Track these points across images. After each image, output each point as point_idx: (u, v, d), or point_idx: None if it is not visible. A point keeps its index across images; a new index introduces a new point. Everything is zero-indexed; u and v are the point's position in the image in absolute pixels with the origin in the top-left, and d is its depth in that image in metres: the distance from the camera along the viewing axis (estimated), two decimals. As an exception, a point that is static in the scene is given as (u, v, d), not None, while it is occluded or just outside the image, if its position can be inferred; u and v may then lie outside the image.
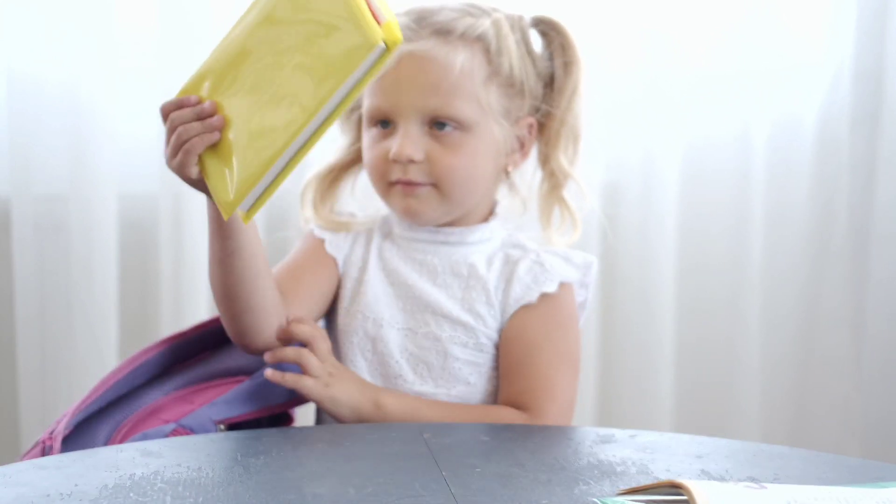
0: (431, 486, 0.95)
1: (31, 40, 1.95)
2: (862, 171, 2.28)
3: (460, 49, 1.24)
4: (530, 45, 1.30)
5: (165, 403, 1.22)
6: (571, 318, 1.30)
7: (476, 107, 1.24)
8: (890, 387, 2.34)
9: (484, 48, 1.25)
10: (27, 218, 1.97)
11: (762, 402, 2.27)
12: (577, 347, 1.30)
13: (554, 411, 1.24)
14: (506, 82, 1.26)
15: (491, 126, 1.25)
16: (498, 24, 1.27)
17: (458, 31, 1.25)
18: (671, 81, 2.17)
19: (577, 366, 1.29)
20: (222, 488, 0.94)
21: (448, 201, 1.27)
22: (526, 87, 1.27)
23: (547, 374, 1.26)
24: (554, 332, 1.28)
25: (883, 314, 2.32)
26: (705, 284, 2.26)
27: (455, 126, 1.24)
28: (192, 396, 1.24)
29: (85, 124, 1.96)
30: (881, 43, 2.23)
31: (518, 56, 1.26)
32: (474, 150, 1.25)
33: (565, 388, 1.26)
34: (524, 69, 1.27)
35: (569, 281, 1.29)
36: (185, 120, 1.08)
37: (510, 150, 1.29)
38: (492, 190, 1.32)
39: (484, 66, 1.25)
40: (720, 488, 0.87)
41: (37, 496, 0.93)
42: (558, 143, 1.31)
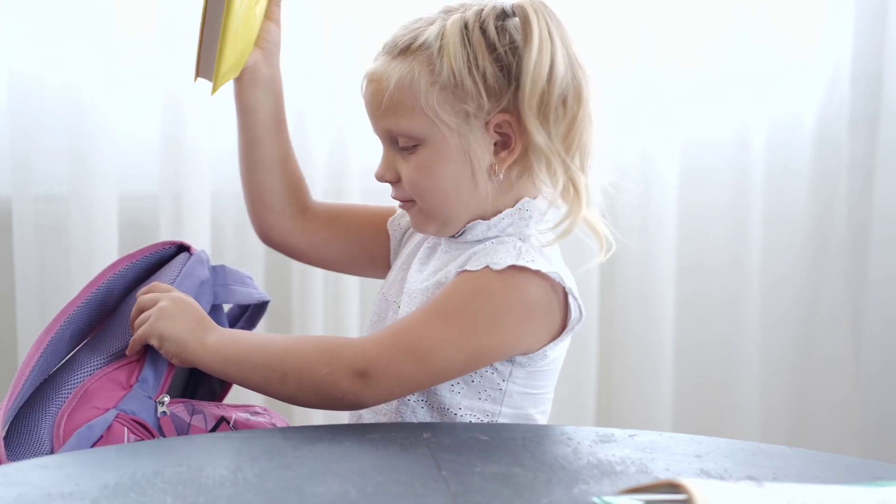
0: (431, 486, 0.96)
1: (31, 41, 1.95)
2: (860, 170, 2.28)
3: (398, 64, 1.21)
4: (492, 40, 1.20)
5: (92, 388, 1.20)
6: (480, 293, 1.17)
7: (422, 118, 1.20)
8: (888, 386, 2.34)
9: (427, 56, 1.20)
10: (27, 218, 1.97)
11: (761, 402, 2.27)
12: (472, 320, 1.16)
13: (388, 343, 1.15)
14: (452, 86, 1.19)
15: (444, 134, 1.20)
16: (447, 26, 1.20)
17: (401, 46, 1.22)
18: (670, 81, 2.17)
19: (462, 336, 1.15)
20: (223, 488, 0.94)
21: (432, 215, 1.24)
22: (481, 85, 1.19)
23: (411, 320, 1.17)
24: (446, 294, 1.18)
25: (881, 314, 2.32)
26: (704, 284, 2.27)
27: (410, 141, 1.22)
28: (115, 375, 1.21)
29: (85, 124, 1.97)
30: (880, 43, 2.24)
31: (463, 56, 1.19)
32: (431, 161, 1.21)
33: (420, 337, 1.15)
34: (475, 67, 1.19)
35: (494, 266, 1.17)
36: None
37: (488, 152, 1.21)
38: (481, 195, 1.23)
39: (426, 75, 1.19)
40: (719, 488, 0.87)
41: (37, 496, 0.93)
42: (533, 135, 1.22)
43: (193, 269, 1.30)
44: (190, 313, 1.21)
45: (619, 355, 2.25)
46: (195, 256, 1.33)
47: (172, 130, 2.00)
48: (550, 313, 1.20)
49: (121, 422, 1.17)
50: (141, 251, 1.32)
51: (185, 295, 1.24)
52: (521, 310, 1.18)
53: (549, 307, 1.19)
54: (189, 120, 2.00)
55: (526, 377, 1.22)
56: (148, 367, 1.21)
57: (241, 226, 2.07)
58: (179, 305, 1.21)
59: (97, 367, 1.21)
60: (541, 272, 1.18)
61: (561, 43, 1.21)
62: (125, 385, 1.20)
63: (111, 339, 1.25)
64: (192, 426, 1.21)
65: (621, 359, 2.24)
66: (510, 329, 1.18)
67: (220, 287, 1.33)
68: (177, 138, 2.00)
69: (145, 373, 1.21)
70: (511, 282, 1.17)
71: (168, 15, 1.99)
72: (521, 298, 1.18)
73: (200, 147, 2.01)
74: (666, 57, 2.16)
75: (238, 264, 2.07)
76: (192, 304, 1.23)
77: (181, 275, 1.29)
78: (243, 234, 2.07)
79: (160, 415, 1.20)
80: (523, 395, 1.22)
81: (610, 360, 2.25)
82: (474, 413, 1.21)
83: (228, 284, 1.34)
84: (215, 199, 2.05)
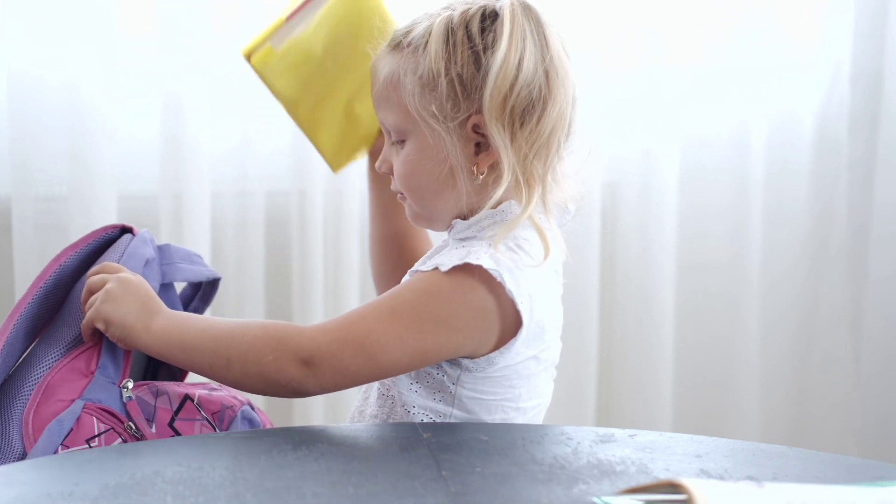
0: (431, 486, 0.96)
1: (31, 41, 1.95)
2: (860, 170, 2.28)
3: (389, 59, 1.23)
4: (474, 40, 1.19)
5: (53, 381, 1.19)
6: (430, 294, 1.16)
7: (406, 114, 1.21)
8: (888, 386, 2.34)
9: (413, 53, 1.21)
10: (27, 218, 1.97)
11: (761, 402, 2.27)
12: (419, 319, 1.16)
13: (335, 329, 1.15)
14: (431, 84, 1.19)
15: (425, 131, 1.20)
16: (435, 24, 1.20)
17: (396, 40, 1.23)
18: (670, 81, 2.17)
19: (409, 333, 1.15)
20: (223, 488, 0.94)
21: (418, 209, 1.25)
22: (457, 85, 1.18)
23: (361, 311, 1.17)
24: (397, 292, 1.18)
25: (881, 314, 2.32)
26: (704, 284, 2.27)
27: (398, 136, 1.23)
28: (75, 364, 1.20)
29: (85, 124, 1.97)
30: (880, 43, 2.24)
31: (443, 55, 1.19)
32: (413, 157, 1.22)
33: (370, 330, 1.15)
34: (452, 67, 1.19)
35: (442, 268, 1.16)
36: None
37: (468, 152, 1.21)
38: (459, 196, 1.22)
39: (410, 72, 1.20)
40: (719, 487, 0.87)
41: (37, 496, 0.93)
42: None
43: (136, 249, 1.28)
44: (136, 295, 1.20)
45: (619, 355, 2.25)
46: (138, 236, 1.31)
47: (172, 130, 2.00)
48: (496, 319, 1.17)
49: (88, 412, 1.17)
50: (84, 238, 1.30)
51: (133, 275, 1.22)
52: (466, 313, 1.17)
53: (495, 313, 1.17)
54: (189, 120, 2.00)
55: (474, 382, 1.20)
56: (106, 352, 1.20)
57: (241, 226, 2.07)
58: (125, 286, 1.20)
59: (56, 359, 1.20)
60: (492, 279, 1.16)
61: (534, 47, 1.19)
62: (86, 372, 1.19)
63: (65, 329, 1.23)
64: (158, 408, 1.21)
65: (621, 359, 2.24)
66: (455, 330, 1.17)
67: (166, 266, 1.31)
68: (177, 138, 2.00)
69: (104, 358, 1.20)
70: (458, 284, 1.16)
71: (168, 15, 1.99)
72: (466, 301, 1.17)
73: (200, 147, 2.01)
74: (666, 56, 2.16)
75: (238, 264, 2.08)
76: (138, 285, 1.21)
77: (124, 255, 1.27)
78: (243, 234, 2.07)
79: (126, 400, 1.19)
80: (473, 401, 1.21)
81: (610, 360, 2.25)
82: (427, 413, 1.21)
83: (175, 262, 1.32)
84: (215, 199, 2.05)
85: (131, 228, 1.32)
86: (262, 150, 2.06)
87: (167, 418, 1.21)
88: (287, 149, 2.06)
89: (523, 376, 1.22)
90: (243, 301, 2.07)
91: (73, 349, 1.21)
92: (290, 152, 2.06)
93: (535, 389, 1.25)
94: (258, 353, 1.15)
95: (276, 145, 2.07)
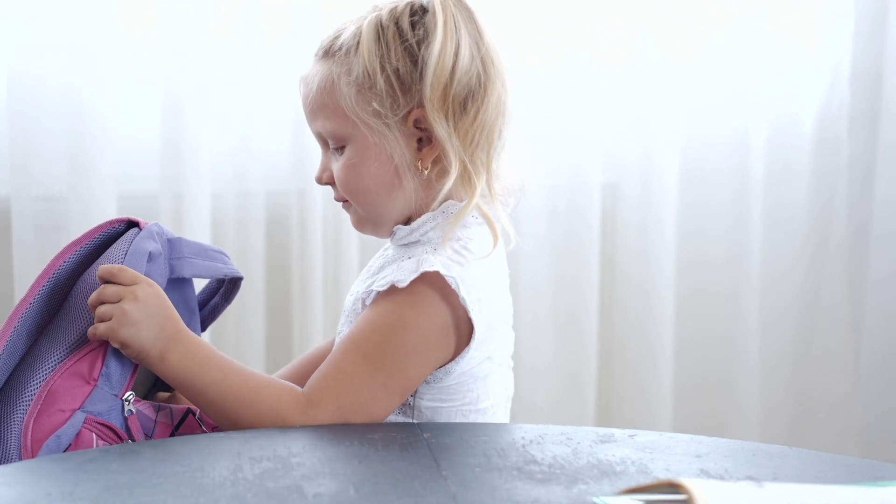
0: (431, 486, 0.96)
1: (31, 41, 1.95)
2: (860, 170, 2.29)
3: (321, 66, 1.23)
4: (405, 35, 1.19)
5: (55, 387, 1.16)
6: (398, 328, 1.17)
7: (344, 119, 1.21)
8: (888, 386, 2.34)
9: (344, 57, 1.21)
10: (27, 218, 1.97)
11: (761, 402, 2.27)
12: (396, 359, 1.17)
13: (333, 407, 1.16)
14: (367, 84, 1.19)
15: (365, 133, 1.20)
16: (363, 25, 1.21)
17: (325, 48, 1.23)
18: (670, 81, 2.17)
19: (391, 378, 1.17)
20: (223, 488, 0.94)
21: (364, 214, 1.25)
22: (394, 82, 1.19)
23: (345, 368, 1.17)
24: (369, 332, 1.18)
25: (881, 313, 2.32)
26: (704, 283, 2.27)
27: (337, 142, 1.23)
28: (77, 367, 1.17)
29: (85, 125, 1.97)
30: (880, 43, 2.24)
31: (376, 54, 1.19)
32: (355, 161, 1.21)
33: (359, 391, 1.17)
34: (388, 65, 1.19)
35: (399, 284, 1.17)
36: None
37: (410, 148, 1.21)
38: (406, 194, 1.22)
39: (343, 76, 1.20)
40: (719, 488, 0.87)
41: (38, 495, 0.93)
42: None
43: (139, 246, 1.24)
44: (154, 317, 1.18)
45: (619, 355, 2.25)
46: (144, 230, 1.26)
47: (172, 130, 2.00)
48: (453, 330, 1.19)
49: (88, 427, 1.15)
50: (89, 233, 1.26)
51: (150, 290, 1.19)
52: (433, 333, 1.18)
53: (451, 325, 1.18)
54: (189, 120, 2.00)
55: (433, 393, 1.21)
56: (112, 358, 1.18)
57: (241, 226, 2.07)
58: (144, 309, 1.17)
59: (59, 361, 1.18)
60: (446, 286, 1.16)
61: (468, 35, 1.20)
62: (88, 378, 1.17)
63: (69, 327, 1.20)
64: (158, 423, 1.20)
65: (621, 358, 2.24)
66: (429, 353, 1.19)
67: (175, 260, 1.27)
68: (177, 138, 2.00)
69: (109, 364, 1.18)
70: (419, 304, 1.17)
71: (168, 15, 1.99)
72: (430, 323, 1.18)
73: (200, 147, 2.01)
74: (666, 56, 2.16)
75: (238, 264, 2.06)
76: (156, 305, 1.18)
77: (128, 254, 1.22)
78: (243, 234, 2.07)
79: (127, 414, 1.18)
80: (433, 410, 1.22)
81: (610, 360, 2.25)
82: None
83: (185, 257, 1.27)
84: (215, 199, 2.05)
85: (138, 222, 1.27)
86: (262, 150, 2.06)
87: (167, 433, 1.20)
88: (287, 149, 2.06)
89: (479, 378, 1.23)
90: (243, 301, 2.07)
91: (77, 349, 1.19)
92: (290, 152, 2.06)
93: (492, 388, 1.25)
94: (264, 420, 1.16)
95: (276, 145, 2.07)
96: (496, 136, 1.22)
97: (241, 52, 2.02)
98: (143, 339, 1.17)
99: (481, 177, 1.20)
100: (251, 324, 2.08)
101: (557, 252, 2.18)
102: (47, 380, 1.17)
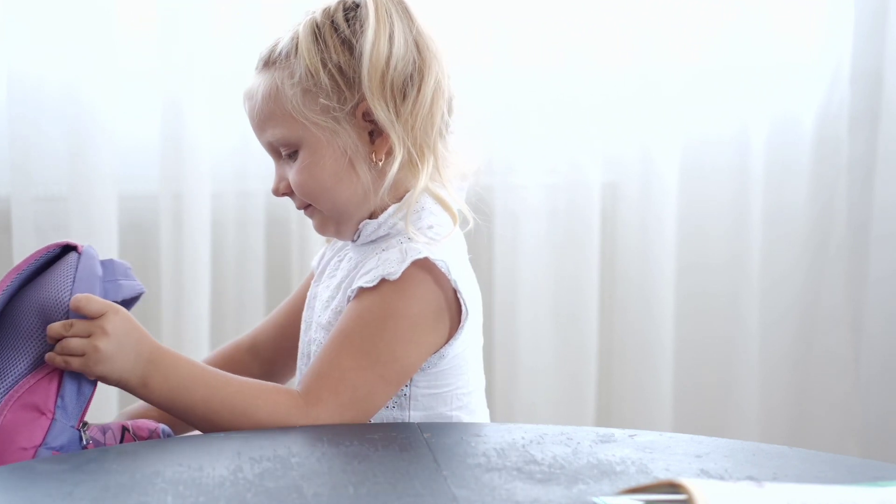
0: (431, 486, 0.96)
1: (31, 41, 1.95)
2: (860, 170, 2.28)
3: (262, 77, 1.24)
4: (342, 30, 1.21)
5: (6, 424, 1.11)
6: (389, 317, 1.18)
7: (293, 124, 1.21)
8: (888, 386, 2.34)
9: (285, 63, 1.22)
10: (27, 218, 1.97)
11: (761, 402, 2.27)
12: (390, 348, 1.18)
13: (333, 405, 1.16)
14: (312, 85, 1.20)
15: (317, 134, 1.21)
16: (299, 29, 1.22)
17: (264, 58, 1.25)
18: (670, 80, 2.17)
19: (387, 369, 1.18)
20: (223, 488, 0.94)
21: (327, 215, 1.25)
22: (338, 77, 1.20)
23: (339, 363, 1.17)
24: (361, 325, 1.18)
25: (881, 313, 2.32)
26: (704, 284, 2.27)
27: (289, 148, 1.23)
28: (27, 397, 1.14)
29: (85, 125, 1.97)
30: (880, 42, 2.24)
31: (316, 53, 1.20)
32: (310, 163, 1.22)
33: (356, 385, 1.17)
34: (329, 61, 1.20)
35: (390, 277, 1.17)
36: None
37: (363, 141, 1.22)
38: (365, 187, 1.23)
39: (287, 81, 1.21)
40: (719, 488, 0.87)
41: (38, 496, 0.93)
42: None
43: (92, 269, 1.22)
44: (128, 346, 1.16)
45: (619, 355, 2.25)
46: (87, 253, 1.23)
47: (172, 130, 2.00)
48: (446, 313, 1.20)
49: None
50: (27, 260, 1.23)
51: (117, 318, 1.16)
52: (426, 318, 1.19)
53: (444, 307, 1.20)
54: (189, 120, 2.00)
55: (428, 379, 1.22)
56: (67, 387, 1.15)
57: (241, 226, 2.07)
58: (117, 342, 1.15)
59: (2, 393, 1.14)
60: (436, 269, 1.18)
61: (401, 23, 1.21)
62: (43, 409, 1.14)
63: (13, 357, 1.16)
64: (106, 445, 1.17)
65: (621, 358, 2.24)
66: (424, 338, 1.20)
67: (109, 283, 1.24)
68: (177, 138, 2.00)
69: (64, 395, 1.15)
70: (409, 290, 1.18)
71: (168, 15, 1.99)
72: (422, 309, 1.19)
73: (200, 147, 2.01)
74: (666, 56, 2.16)
75: (238, 264, 2.07)
76: (127, 332, 1.16)
77: (80, 280, 1.20)
78: (243, 234, 2.07)
79: (85, 443, 1.15)
80: (430, 397, 1.23)
81: (610, 360, 2.25)
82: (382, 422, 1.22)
83: (117, 279, 1.25)
84: (215, 199, 2.05)
85: (76, 246, 1.24)
86: (262, 150, 2.05)
87: None
88: (287, 149, 2.06)
89: (469, 360, 1.25)
90: (243, 301, 2.07)
91: (21, 379, 1.15)
92: (290, 152, 2.06)
93: (479, 370, 1.28)
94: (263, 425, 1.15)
95: (275, 145, 2.07)
96: (438, 119, 1.23)
97: (241, 52, 2.01)
98: (120, 370, 1.15)
99: (427, 160, 1.22)
100: (251, 324, 2.07)
101: (557, 252, 2.18)
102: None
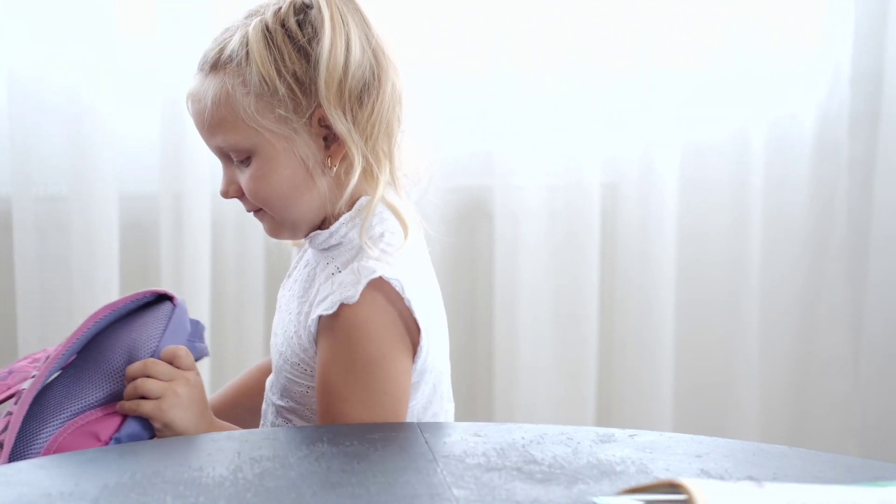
0: (431, 486, 0.96)
1: (31, 42, 1.95)
2: (860, 172, 2.29)
3: (210, 80, 1.20)
4: (295, 35, 1.18)
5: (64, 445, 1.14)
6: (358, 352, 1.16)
7: (246, 130, 1.18)
8: (888, 386, 2.35)
9: (236, 67, 1.18)
10: (28, 218, 1.97)
11: (761, 402, 2.27)
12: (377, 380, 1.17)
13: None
14: (266, 92, 1.17)
15: (271, 141, 1.18)
16: (249, 32, 1.19)
17: (211, 61, 1.21)
18: (670, 82, 2.17)
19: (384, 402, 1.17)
20: (223, 488, 0.94)
21: (280, 220, 1.23)
22: (293, 84, 1.17)
23: (339, 418, 1.17)
24: (343, 372, 1.16)
25: (881, 314, 2.32)
26: (704, 284, 2.27)
27: (241, 154, 1.20)
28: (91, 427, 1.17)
29: (85, 125, 1.97)
30: (880, 44, 2.24)
31: (270, 59, 1.17)
32: (264, 170, 1.19)
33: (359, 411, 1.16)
34: (284, 68, 1.17)
35: (349, 301, 1.15)
36: None
37: (318, 148, 1.20)
38: (321, 194, 1.21)
39: (239, 87, 1.18)
40: (719, 488, 0.87)
41: (38, 495, 0.93)
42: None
43: (184, 324, 1.27)
44: (199, 404, 1.20)
45: (619, 355, 2.25)
46: (180, 308, 1.27)
47: (172, 130, 2.00)
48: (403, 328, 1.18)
49: None
50: (123, 299, 1.27)
51: (198, 378, 1.21)
52: (390, 333, 1.17)
53: (400, 323, 1.18)
54: (189, 120, 1.99)
55: (416, 396, 1.21)
56: (130, 428, 1.17)
57: (241, 226, 2.07)
58: (192, 396, 1.19)
59: (70, 417, 1.16)
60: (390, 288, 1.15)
61: (357, 28, 1.19)
62: (99, 438, 1.16)
63: (90, 388, 1.19)
64: None
65: (621, 358, 2.24)
66: (396, 352, 1.18)
67: (189, 342, 1.28)
68: (177, 138, 2.00)
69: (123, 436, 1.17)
70: (366, 311, 1.15)
71: (168, 15, 1.99)
72: (383, 324, 1.16)
73: (200, 147, 2.00)
74: (666, 58, 2.16)
75: (238, 264, 2.08)
76: (201, 393, 1.21)
77: (171, 331, 1.24)
78: (243, 234, 2.07)
79: None
80: (422, 409, 1.22)
81: (610, 360, 2.25)
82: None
83: (194, 342, 1.30)
84: (215, 199, 2.05)
85: (172, 297, 1.28)
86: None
87: None
88: (287, 149, 2.06)
89: (438, 367, 1.23)
90: (243, 301, 2.07)
91: (92, 409, 1.18)
92: (290, 152, 2.06)
93: (445, 372, 1.26)
94: None
95: (275, 145, 2.07)
96: (395, 125, 1.21)
97: (242, 53, 2.01)
98: (187, 422, 1.18)
99: (384, 168, 1.20)
100: (251, 324, 2.08)
101: (557, 252, 2.18)
102: (54, 436, 1.15)
